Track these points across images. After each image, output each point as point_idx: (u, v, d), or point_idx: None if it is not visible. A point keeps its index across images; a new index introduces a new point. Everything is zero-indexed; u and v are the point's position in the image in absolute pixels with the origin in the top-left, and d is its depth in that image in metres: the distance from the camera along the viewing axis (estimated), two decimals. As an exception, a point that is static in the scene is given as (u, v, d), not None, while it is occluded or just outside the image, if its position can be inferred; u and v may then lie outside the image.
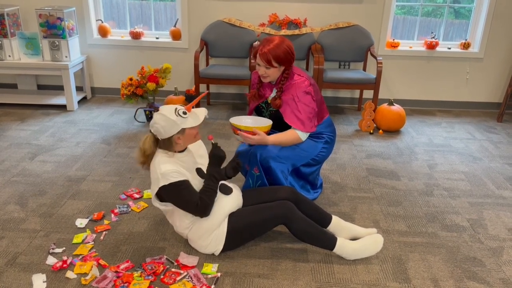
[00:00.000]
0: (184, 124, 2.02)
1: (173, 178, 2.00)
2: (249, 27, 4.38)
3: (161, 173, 2.00)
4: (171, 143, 2.06)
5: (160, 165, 2.03)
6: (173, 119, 2.00)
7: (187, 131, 2.05)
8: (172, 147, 2.09)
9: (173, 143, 2.06)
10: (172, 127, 2.01)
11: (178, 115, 2.01)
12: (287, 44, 2.39)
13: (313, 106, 2.48)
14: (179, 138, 2.05)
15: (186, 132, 2.05)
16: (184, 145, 2.11)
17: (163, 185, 2.01)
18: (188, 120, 2.03)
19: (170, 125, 2.00)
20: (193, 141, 2.14)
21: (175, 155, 2.09)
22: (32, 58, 4.26)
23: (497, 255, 2.31)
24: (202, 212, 2.09)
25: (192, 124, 2.04)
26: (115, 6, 4.70)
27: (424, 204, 2.80)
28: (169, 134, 2.03)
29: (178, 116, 2.01)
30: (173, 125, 2.00)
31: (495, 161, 3.47)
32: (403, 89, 4.71)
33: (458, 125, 4.28)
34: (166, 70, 3.98)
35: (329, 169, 3.24)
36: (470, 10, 4.56)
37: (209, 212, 2.11)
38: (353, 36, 4.36)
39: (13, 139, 3.59)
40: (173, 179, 2.00)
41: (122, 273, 2.07)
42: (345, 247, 2.20)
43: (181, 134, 2.04)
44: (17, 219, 2.50)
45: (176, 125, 2.00)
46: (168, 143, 2.07)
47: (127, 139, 3.67)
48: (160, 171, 2.01)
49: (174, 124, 2.00)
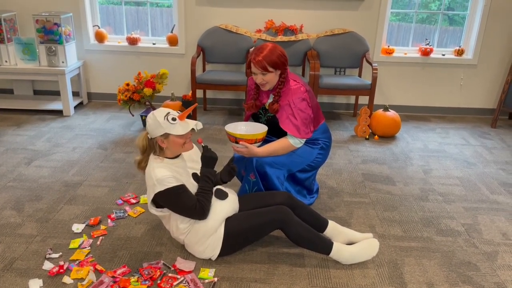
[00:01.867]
0: (169, 129, 2.02)
1: (169, 184, 2.01)
2: (245, 33, 4.41)
3: (157, 179, 2.01)
4: (156, 145, 2.08)
5: (155, 171, 2.03)
6: (159, 121, 2.01)
7: (171, 137, 2.04)
8: (157, 150, 2.09)
9: (157, 145, 2.07)
10: (156, 129, 2.02)
11: (166, 120, 2.02)
12: (279, 48, 2.41)
13: (308, 112, 2.49)
14: (162, 142, 2.05)
15: (171, 138, 2.04)
16: (171, 151, 2.10)
17: (159, 191, 2.02)
18: (175, 128, 2.03)
19: (156, 126, 2.02)
20: (181, 150, 2.12)
21: (165, 161, 2.09)
22: (28, 64, 4.26)
23: (492, 260, 2.33)
24: (201, 213, 2.09)
25: (177, 132, 2.03)
26: (112, 11, 4.72)
27: (420, 209, 2.82)
28: (153, 135, 2.05)
29: (165, 120, 2.02)
30: (157, 126, 2.02)
31: (489, 167, 3.50)
32: (398, 95, 4.75)
33: (453, 131, 4.32)
34: (163, 76, 3.99)
35: (325, 174, 3.26)
36: (464, 17, 4.62)
37: (207, 214, 2.12)
38: (349, 43, 4.40)
39: (9, 144, 3.58)
40: (170, 185, 2.01)
41: (119, 278, 2.07)
42: (342, 251, 2.22)
43: (165, 138, 2.04)
44: (14, 224, 2.50)
45: (160, 127, 2.01)
46: (152, 144, 2.09)
47: (123, 144, 3.68)
48: (155, 177, 2.01)
49: (158, 126, 2.02)
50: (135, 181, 3.04)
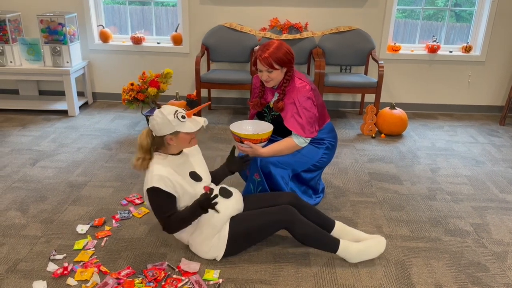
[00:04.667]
0: (179, 127, 2.02)
1: (159, 184, 2.00)
2: (250, 31, 4.38)
3: (152, 175, 2.02)
4: (163, 143, 2.07)
5: (153, 167, 2.04)
6: (169, 119, 2.00)
7: (180, 135, 2.05)
8: (164, 147, 2.10)
9: (165, 143, 2.07)
10: (166, 127, 2.01)
11: (176, 118, 2.01)
12: (285, 45, 2.40)
13: (314, 111, 2.46)
14: (171, 139, 2.05)
15: (180, 135, 2.05)
16: (177, 147, 2.12)
17: (148, 188, 2.02)
18: (185, 125, 2.03)
19: (165, 124, 2.01)
20: (188, 146, 2.15)
21: (168, 157, 2.10)
22: (33, 64, 4.27)
23: (501, 260, 2.29)
24: (167, 226, 2.10)
25: (188, 130, 2.04)
26: (116, 11, 4.71)
27: (427, 209, 2.78)
28: (162, 133, 2.03)
29: (175, 118, 2.01)
30: (167, 124, 2.01)
31: (498, 165, 3.44)
32: (404, 93, 4.70)
33: (461, 128, 4.26)
34: (167, 75, 3.97)
35: (331, 173, 3.22)
36: (471, 13, 4.55)
37: (170, 232, 2.16)
38: (354, 40, 4.35)
39: (14, 145, 3.58)
40: (159, 185, 1.99)
41: (123, 279, 2.06)
42: (348, 248, 2.19)
43: (174, 136, 2.05)
44: (18, 225, 2.49)
45: (170, 125, 2.01)
46: (160, 141, 2.08)
47: (128, 144, 3.66)
48: (152, 173, 2.02)
49: (169, 124, 2.01)
50: (139, 181, 3.03)
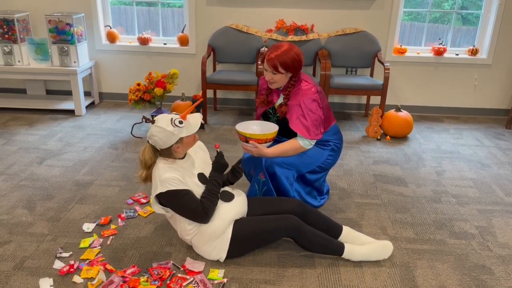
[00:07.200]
0: (181, 133, 2.03)
1: (171, 186, 2.01)
2: (256, 33, 4.40)
3: (160, 180, 2.01)
4: (171, 152, 2.09)
5: (159, 171, 2.04)
6: (170, 130, 2.00)
7: (185, 139, 2.06)
8: (172, 156, 2.11)
9: (173, 152, 2.08)
10: (170, 138, 2.02)
11: (175, 126, 2.01)
12: (295, 51, 2.37)
13: (319, 114, 2.46)
14: (178, 147, 2.07)
15: (184, 140, 2.06)
16: (183, 152, 2.13)
17: (160, 192, 2.02)
18: (186, 129, 2.04)
19: (168, 136, 2.01)
20: (193, 145, 2.15)
21: (175, 162, 2.11)
22: (41, 64, 4.30)
23: (507, 263, 2.28)
24: (204, 216, 2.07)
25: (189, 132, 2.05)
26: (123, 12, 4.75)
27: (432, 211, 2.78)
28: (167, 145, 2.04)
29: (174, 127, 2.01)
30: (170, 136, 2.01)
31: (503, 168, 3.43)
32: (410, 95, 4.69)
33: (466, 131, 4.25)
34: (173, 76, 4.00)
35: (336, 175, 3.23)
36: (478, 16, 4.54)
37: (210, 217, 2.09)
38: (360, 42, 4.35)
39: (22, 144, 3.61)
40: (172, 187, 2.01)
41: (128, 278, 2.07)
42: (353, 252, 2.20)
43: (180, 143, 2.06)
44: (25, 223, 2.52)
45: (173, 135, 2.01)
46: (167, 152, 2.09)
47: (134, 144, 3.69)
48: (159, 178, 2.02)
49: (171, 135, 2.01)
50: (145, 181, 3.05)
